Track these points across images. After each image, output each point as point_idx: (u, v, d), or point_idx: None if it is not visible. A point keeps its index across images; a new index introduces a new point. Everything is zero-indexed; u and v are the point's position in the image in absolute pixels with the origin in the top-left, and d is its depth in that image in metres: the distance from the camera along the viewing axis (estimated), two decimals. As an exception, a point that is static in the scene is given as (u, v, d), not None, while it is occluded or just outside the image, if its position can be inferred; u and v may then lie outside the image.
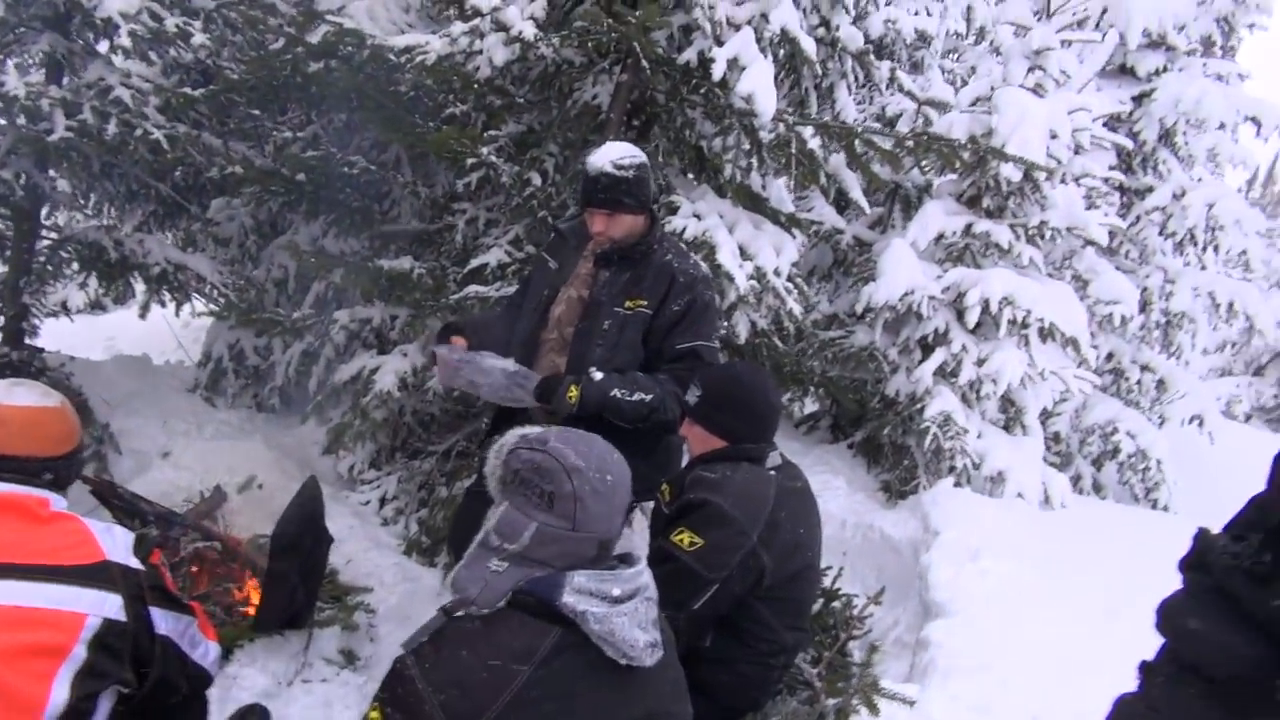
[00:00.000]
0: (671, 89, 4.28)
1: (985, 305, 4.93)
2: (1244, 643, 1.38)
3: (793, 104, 5.12)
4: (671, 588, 2.23)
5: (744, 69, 3.86)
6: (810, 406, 6.38)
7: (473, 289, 4.30)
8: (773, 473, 2.62)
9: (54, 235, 5.09)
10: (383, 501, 4.97)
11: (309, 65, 4.53)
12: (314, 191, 4.93)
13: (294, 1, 4.90)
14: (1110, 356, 7.34)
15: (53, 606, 1.75)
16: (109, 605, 1.80)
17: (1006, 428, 5.46)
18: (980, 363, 5.03)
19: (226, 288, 5.44)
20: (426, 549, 4.53)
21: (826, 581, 3.85)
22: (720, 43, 3.91)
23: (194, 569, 3.69)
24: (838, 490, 5.18)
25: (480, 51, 3.98)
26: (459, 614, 1.78)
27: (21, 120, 4.26)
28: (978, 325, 5.13)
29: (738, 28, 3.98)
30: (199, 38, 4.40)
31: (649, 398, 2.83)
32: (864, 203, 4.91)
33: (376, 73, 4.42)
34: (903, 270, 4.90)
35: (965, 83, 6.86)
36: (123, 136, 4.38)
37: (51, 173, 4.84)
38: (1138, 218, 7.62)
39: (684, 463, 2.87)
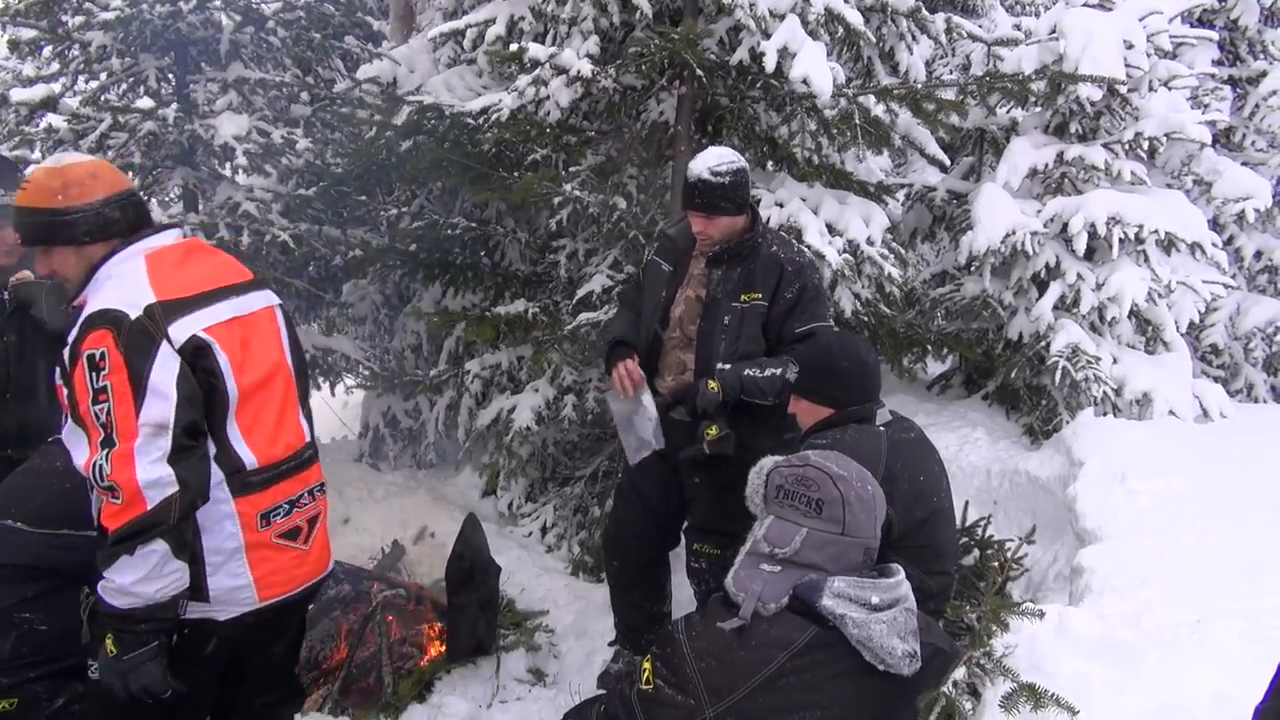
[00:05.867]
0: (731, 89, 4.43)
1: (1092, 229, 4.82)
2: None
3: (858, 75, 5.17)
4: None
5: (795, 55, 3.97)
6: (938, 367, 6.33)
7: (584, 317, 4.55)
8: (882, 429, 2.73)
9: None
10: (544, 530, 5.25)
11: (400, 145, 4.90)
12: (427, 258, 5.26)
13: (378, 92, 5.32)
14: (1260, 254, 6.92)
15: None
16: None
17: (1147, 348, 5.29)
18: (1099, 287, 4.91)
19: (370, 361, 5.91)
20: (591, 567, 4.78)
21: (978, 533, 3.88)
22: (767, 35, 4.02)
23: (388, 617, 4.06)
24: (979, 442, 5.12)
25: (548, 97, 4.25)
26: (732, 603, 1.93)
27: (171, 249, 4.80)
28: (1090, 251, 5.02)
29: (782, 17, 4.10)
30: (303, 143, 4.87)
31: (779, 370, 3.05)
32: (942, 156, 4.91)
33: (460, 138, 4.71)
34: (998, 212, 4.85)
35: (1047, 8, 6.69)
36: (256, 244, 4.87)
37: (202, 289, 5.39)
38: (1256, 106, 7.23)
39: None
